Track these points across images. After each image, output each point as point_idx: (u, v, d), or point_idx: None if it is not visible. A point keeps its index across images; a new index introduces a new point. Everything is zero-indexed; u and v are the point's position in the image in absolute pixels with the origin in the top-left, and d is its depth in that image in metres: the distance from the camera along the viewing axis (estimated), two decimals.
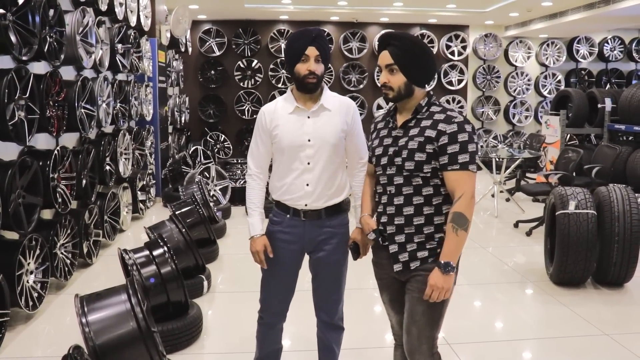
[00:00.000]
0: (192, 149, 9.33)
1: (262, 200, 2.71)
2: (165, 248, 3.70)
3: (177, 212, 5.39)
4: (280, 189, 2.64)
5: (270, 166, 2.76)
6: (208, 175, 7.74)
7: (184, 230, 4.48)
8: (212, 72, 12.20)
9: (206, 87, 12.33)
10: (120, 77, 6.96)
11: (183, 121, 10.76)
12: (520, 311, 4.42)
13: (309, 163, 2.57)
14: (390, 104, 2.45)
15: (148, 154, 7.75)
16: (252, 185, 2.69)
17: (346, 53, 12.32)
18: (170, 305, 3.67)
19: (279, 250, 2.68)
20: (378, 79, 12.16)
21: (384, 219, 2.39)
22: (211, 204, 6.71)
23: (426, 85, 2.44)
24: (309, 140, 2.56)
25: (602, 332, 3.95)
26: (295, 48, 2.53)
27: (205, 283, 4.63)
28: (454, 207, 2.21)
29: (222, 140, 12.44)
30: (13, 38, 3.79)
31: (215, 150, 12.00)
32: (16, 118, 3.84)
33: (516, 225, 7.01)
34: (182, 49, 10.50)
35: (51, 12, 4.39)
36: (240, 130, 12.57)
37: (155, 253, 3.69)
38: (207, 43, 11.98)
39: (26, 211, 4.04)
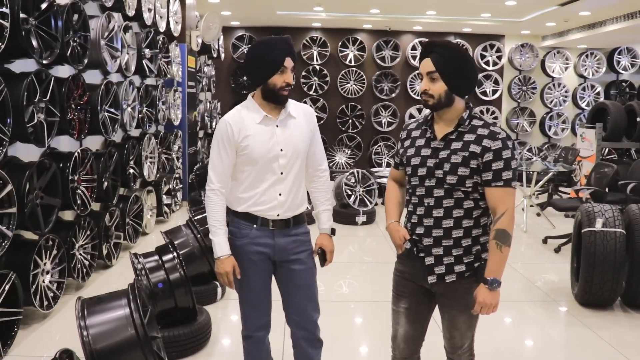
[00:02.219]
0: None
1: (225, 217, 2.58)
2: (175, 254, 3.68)
3: (195, 217, 5.39)
4: (249, 200, 2.55)
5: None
6: None
7: (199, 236, 4.47)
8: (244, 78, 12.27)
9: (238, 93, 12.41)
10: (149, 81, 7.04)
11: (214, 126, 10.84)
12: (540, 332, 4.26)
13: (282, 173, 2.53)
14: (427, 111, 2.42)
15: (175, 158, 7.81)
16: (215, 202, 2.54)
17: (379, 61, 12.24)
18: (178, 311, 3.65)
19: (250, 264, 2.59)
20: (412, 86, 12.13)
21: (419, 230, 2.36)
22: None
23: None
24: (282, 150, 2.51)
25: (627, 358, 3.76)
26: (272, 59, 2.45)
27: (220, 289, 4.60)
28: (497, 224, 2.23)
29: None
30: (34, 42, 3.85)
31: None
32: (35, 120, 3.89)
33: (545, 241, 6.79)
34: (214, 55, 10.58)
35: (75, 16, 4.46)
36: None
37: (165, 258, 3.68)
38: (240, 49, 12.06)
39: (44, 212, 4.09)
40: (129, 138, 6.22)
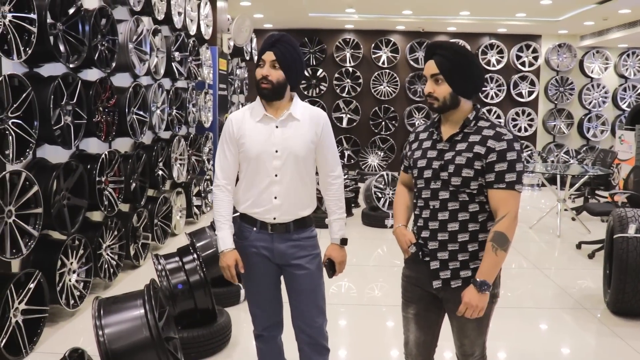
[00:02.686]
0: None
1: (231, 213, 2.58)
2: (195, 255, 3.71)
3: None
4: (247, 201, 2.55)
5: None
6: None
7: None
8: None
9: None
10: (180, 84, 7.14)
11: None
12: (569, 340, 4.13)
13: (276, 175, 2.48)
14: (435, 115, 2.40)
15: (205, 160, 7.89)
16: (220, 197, 2.56)
17: (412, 63, 12.14)
18: (198, 312, 3.67)
19: (253, 265, 2.60)
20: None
21: (425, 234, 2.33)
22: None
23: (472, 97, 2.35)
24: (277, 151, 2.47)
25: None
26: (258, 53, 2.48)
27: (243, 291, 4.61)
28: (496, 226, 2.18)
29: None
30: (61, 47, 3.94)
31: None
32: (62, 123, 3.97)
33: (579, 246, 6.60)
34: (247, 57, 10.66)
35: (103, 21, 4.54)
36: None
37: (185, 260, 3.71)
38: None
39: (71, 212, 4.17)
40: (159, 140, 6.31)
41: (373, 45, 12.10)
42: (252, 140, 2.48)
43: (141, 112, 5.33)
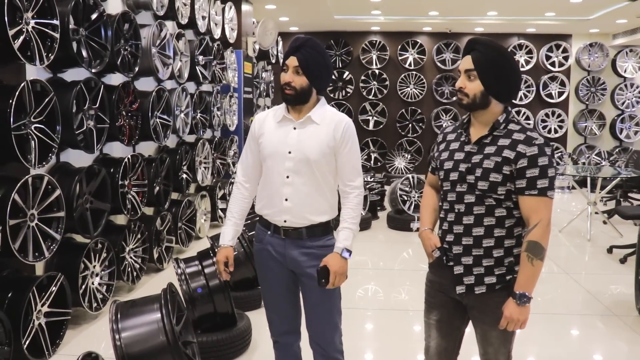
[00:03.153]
0: None
1: (242, 212, 2.61)
2: (215, 259, 3.70)
3: (249, 220, 5.43)
4: (261, 202, 2.55)
5: None
6: None
7: (243, 241, 4.48)
8: None
9: None
10: (205, 88, 7.18)
11: None
12: (600, 347, 4.00)
13: (287, 177, 2.45)
14: (464, 116, 2.35)
15: (231, 164, 7.92)
16: (235, 194, 2.62)
17: (439, 64, 12.01)
18: (218, 316, 3.66)
19: (267, 269, 2.58)
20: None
21: (449, 238, 2.27)
22: None
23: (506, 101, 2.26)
24: (290, 152, 2.43)
25: None
26: (283, 57, 2.48)
27: None
28: (530, 235, 2.10)
29: None
30: (84, 52, 3.98)
31: None
32: (84, 127, 4.01)
33: (610, 250, 6.41)
34: (273, 60, 10.68)
35: (126, 26, 4.58)
36: None
37: (205, 264, 3.71)
38: None
39: (94, 216, 4.21)
40: (183, 143, 6.35)
41: (399, 47, 12.01)
42: (268, 140, 2.48)
43: (165, 116, 5.36)
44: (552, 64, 11.85)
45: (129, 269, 4.82)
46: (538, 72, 11.88)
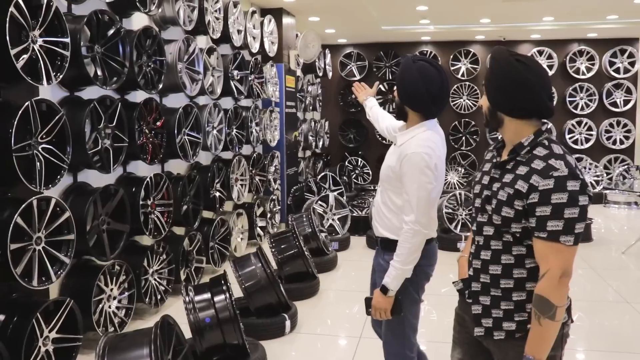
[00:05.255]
0: (321, 175, 9.16)
1: (383, 114, 3.05)
2: (225, 287, 3.48)
3: (275, 244, 5.23)
4: None
5: None
6: (326, 204, 7.51)
7: (266, 266, 4.26)
8: (353, 96, 11.99)
9: (346, 112, 12.24)
10: (244, 102, 7.04)
11: (321, 146, 10.73)
12: None
13: (379, 186, 2.68)
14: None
15: (272, 180, 7.73)
16: None
17: None
18: (227, 348, 3.44)
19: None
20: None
21: (470, 272, 2.03)
22: (322, 235, 6.47)
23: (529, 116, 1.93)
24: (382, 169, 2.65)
25: None
26: None
27: (288, 322, 4.34)
28: (537, 287, 1.78)
29: (361, 165, 12.22)
30: (98, 70, 3.88)
31: (354, 176, 11.80)
32: (99, 147, 3.90)
33: None
34: (320, 73, 10.50)
35: (148, 41, 4.47)
36: (381, 155, 12.12)
37: (214, 290, 3.50)
38: (348, 67, 11.89)
39: (112, 237, 4.09)
40: (218, 160, 6.21)
41: (452, 56, 11.56)
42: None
43: (194, 133, 5.23)
44: (617, 71, 11.06)
45: (153, 291, 4.67)
46: (601, 80, 11.13)
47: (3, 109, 3.26)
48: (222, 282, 3.53)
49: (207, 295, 3.45)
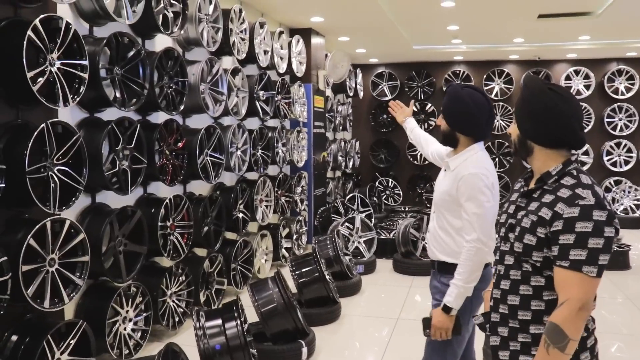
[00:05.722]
0: (350, 195, 9.03)
1: (426, 137, 3.18)
2: (237, 313, 3.40)
3: (295, 267, 5.14)
4: None
5: None
6: (352, 227, 7.38)
7: (283, 291, 4.17)
8: (384, 115, 11.94)
9: (378, 132, 12.13)
10: (272, 123, 7.01)
11: (352, 166, 10.64)
12: None
13: (434, 211, 2.73)
14: None
15: (298, 201, 7.67)
16: None
17: None
18: None
19: None
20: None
21: (491, 303, 1.97)
22: (346, 258, 6.35)
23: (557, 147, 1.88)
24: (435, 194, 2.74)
25: None
26: None
27: (305, 350, 4.22)
28: (552, 315, 1.71)
29: (392, 186, 12.06)
30: (117, 91, 3.89)
31: (384, 197, 11.64)
32: (116, 168, 3.89)
33: None
34: (351, 93, 10.44)
35: (170, 63, 4.48)
36: (413, 176, 12.04)
37: (226, 316, 3.42)
38: (380, 86, 11.80)
39: (129, 259, 4.06)
40: (243, 181, 6.17)
41: (485, 76, 11.36)
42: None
43: (216, 154, 5.20)
44: None
45: (170, 313, 4.62)
46: (638, 101, 10.75)
47: (20, 131, 3.28)
48: (234, 308, 3.45)
49: (218, 321, 3.38)
